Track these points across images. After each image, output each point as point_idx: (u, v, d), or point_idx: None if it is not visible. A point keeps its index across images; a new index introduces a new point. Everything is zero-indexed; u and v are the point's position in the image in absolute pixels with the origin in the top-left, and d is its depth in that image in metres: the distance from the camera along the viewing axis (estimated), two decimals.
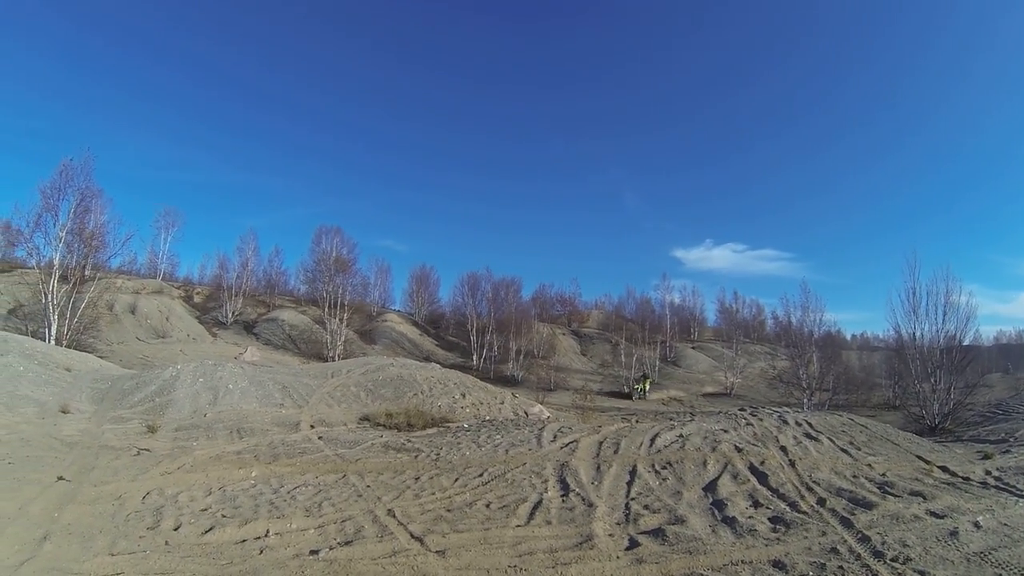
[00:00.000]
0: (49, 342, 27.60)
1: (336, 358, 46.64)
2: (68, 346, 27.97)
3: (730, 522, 8.30)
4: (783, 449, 12.22)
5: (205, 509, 8.52)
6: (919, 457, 12.87)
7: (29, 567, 6.23)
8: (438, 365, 26.16)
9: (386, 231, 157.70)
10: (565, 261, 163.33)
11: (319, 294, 58.45)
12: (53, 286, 30.22)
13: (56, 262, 31.02)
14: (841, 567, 6.62)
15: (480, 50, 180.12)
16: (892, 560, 6.80)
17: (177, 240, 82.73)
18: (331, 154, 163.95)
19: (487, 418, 18.20)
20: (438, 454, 12.23)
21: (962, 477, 11.23)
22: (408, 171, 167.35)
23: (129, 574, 6.21)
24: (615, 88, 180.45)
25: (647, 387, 49.89)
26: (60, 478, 9.44)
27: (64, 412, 14.49)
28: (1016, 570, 6.55)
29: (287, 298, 68.50)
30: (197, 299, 62.65)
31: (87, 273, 33.43)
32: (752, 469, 10.86)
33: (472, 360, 59.56)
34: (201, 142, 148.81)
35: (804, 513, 8.68)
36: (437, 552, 7.07)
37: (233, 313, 57.91)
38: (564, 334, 72.31)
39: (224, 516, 8.22)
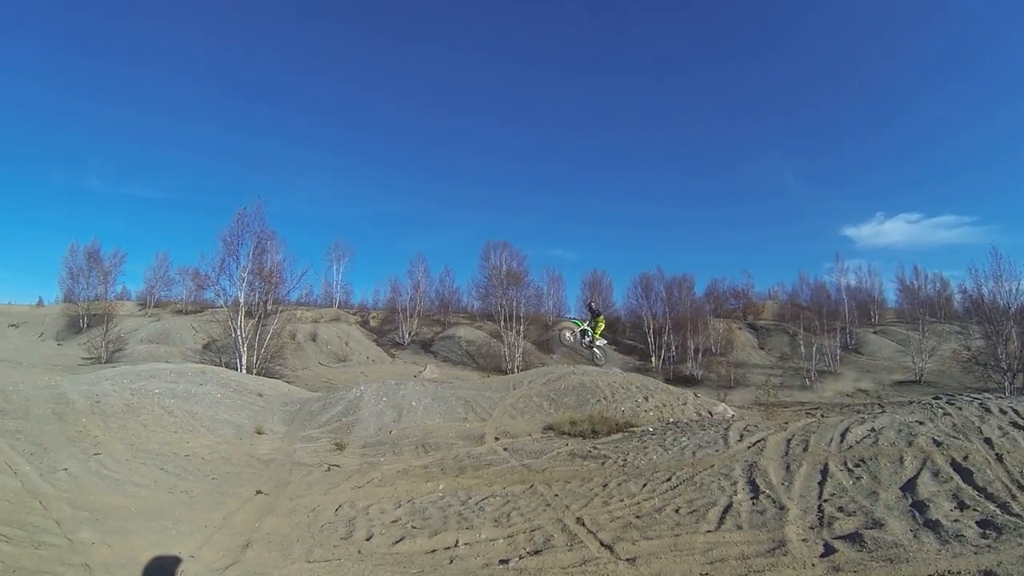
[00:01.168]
0: (241, 371, 30.67)
1: (515, 370, 47.66)
2: (258, 374, 30.99)
3: (933, 526, 7.59)
4: (988, 442, 10.99)
5: (395, 520, 8.97)
6: None
7: (234, 571, 6.91)
8: (618, 370, 26.06)
9: (554, 240, 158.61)
10: (734, 253, 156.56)
11: (493, 308, 60.11)
12: (240, 321, 34.45)
13: (241, 300, 35.54)
14: None
15: (624, 47, 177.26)
16: None
17: (349, 270, 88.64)
18: (493, 172, 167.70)
19: (671, 420, 17.90)
20: (625, 459, 12.15)
21: None
22: (567, 177, 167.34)
23: None
24: (757, 69, 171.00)
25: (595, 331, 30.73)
26: (259, 492, 10.38)
27: (259, 433, 15.89)
28: None
29: (461, 315, 70.96)
30: (373, 323, 66.67)
31: (269, 307, 37.70)
32: (954, 465, 9.87)
33: (651, 362, 59.50)
34: (364, 178, 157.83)
35: (1017, 516, 7.76)
36: (627, 560, 7.01)
37: (409, 334, 60.88)
38: (740, 328, 69.91)
39: (414, 527, 8.61)
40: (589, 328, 20.13)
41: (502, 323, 56.21)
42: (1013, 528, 7.37)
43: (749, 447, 12.01)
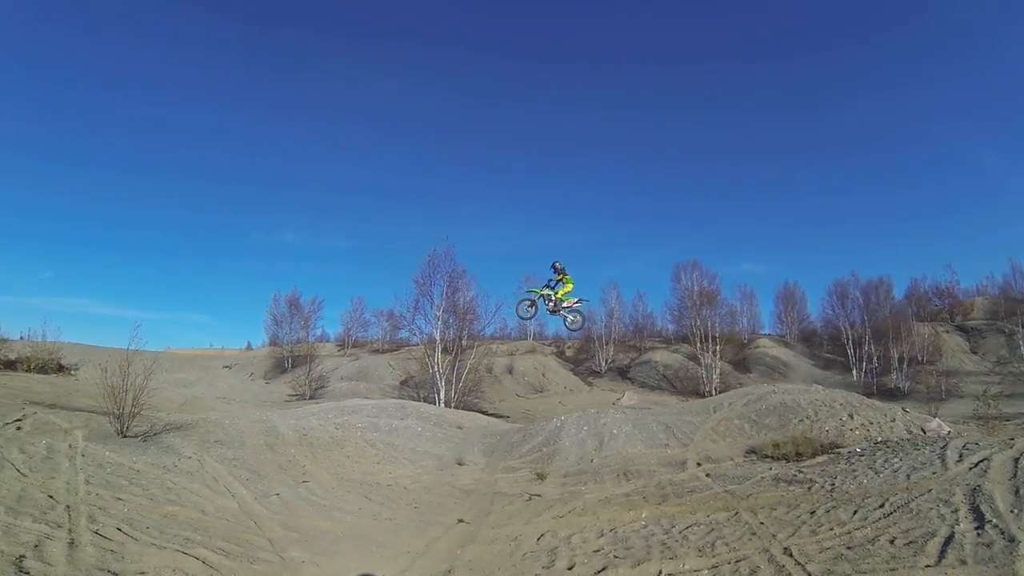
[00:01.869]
0: (439, 405, 31.94)
1: (713, 392, 46.45)
2: (456, 407, 32.14)
3: None
4: None
5: (597, 550, 8.83)
6: None
7: None
8: (819, 386, 24.53)
9: (741, 255, 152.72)
10: (933, 246, 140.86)
11: (687, 330, 58.98)
12: (437, 357, 36.71)
13: (437, 337, 37.66)
14: None
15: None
16: None
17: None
18: (678, 185, 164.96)
19: (879, 439, 16.54)
20: (832, 484, 11.32)
21: None
22: (746, 181, 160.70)
23: None
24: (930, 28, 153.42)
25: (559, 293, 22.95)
26: (460, 520, 10.66)
27: (459, 464, 16.36)
28: None
29: (656, 339, 70.13)
30: (568, 353, 67.25)
31: (464, 343, 39.27)
32: None
33: (851, 375, 55.20)
34: (546, 210, 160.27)
35: None
36: None
37: (606, 361, 60.88)
38: (947, 331, 63.03)
39: (616, 556, 8.43)
40: (551, 292, 16.89)
41: (698, 345, 54.76)
42: None
43: (970, 468, 10.82)
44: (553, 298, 17.01)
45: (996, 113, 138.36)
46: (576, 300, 17.48)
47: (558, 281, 16.79)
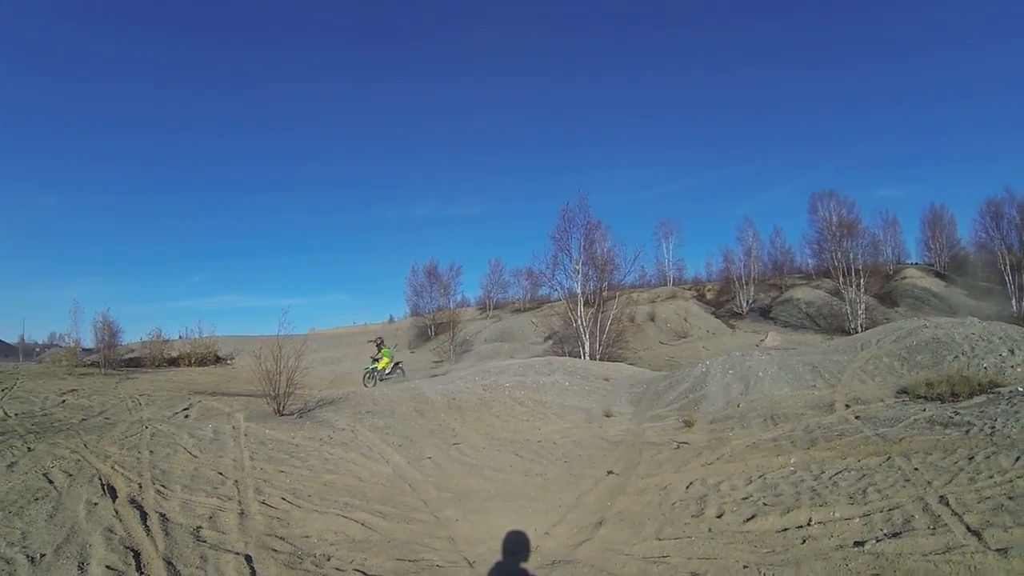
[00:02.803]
0: (584, 358, 32.28)
1: (859, 329, 44.54)
2: (601, 359, 32.44)
3: None
4: None
5: (746, 497, 8.85)
6: None
7: (587, 547, 7.41)
8: (975, 318, 22.88)
9: (880, 177, 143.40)
10: None
11: (829, 264, 56.79)
12: (580, 311, 37.03)
13: (578, 291, 38.15)
14: None
15: None
16: None
17: (678, 246, 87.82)
18: (803, 107, 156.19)
19: None
20: (992, 427, 10.70)
21: None
22: (872, 83, 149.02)
23: (675, 557, 6.82)
24: None
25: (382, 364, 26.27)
26: (610, 472, 10.95)
27: (607, 416, 16.61)
28: None
29: (797, 276, 67.82)
30: (709, 296, 66.17)
31: (605, 294, 39.11)
32: None
33: (1011, 305, 50.62)
34: (675, 152, 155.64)
35: None
36: (997, 551, 6.13)
37: (747, 302, 59.53)
38: None
39: (765, 504, 8.43)
40: (375, 365, 24.41)
41: (840, 279, 52.58)
42: None
43: None
44: (378, 369, 24.75)
45: None
46: (393, 365, 26.38)
47: (380, 353, 24.91)
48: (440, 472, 11.27)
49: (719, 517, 8.12)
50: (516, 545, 7.63)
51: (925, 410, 13.05)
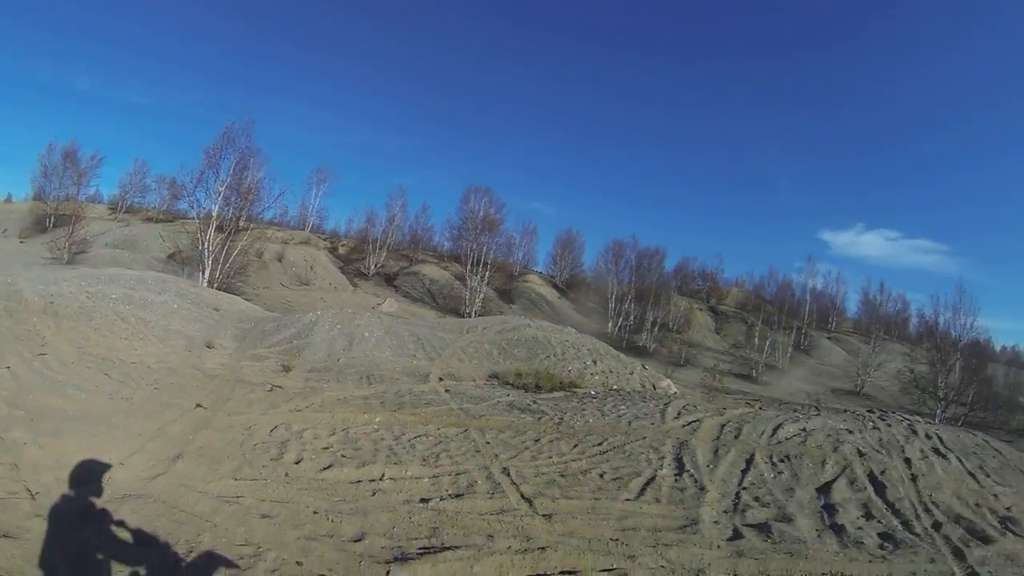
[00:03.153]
0: (202, 284, 30.14)
1: (473, 314, 47.88)
2: (219, 288, 30.45)
3: (838, 529, 7.78)
4: (907, 461, 11.25)
5: (327, 447, 8.94)
6: None
7: (161, 481, 6.88)
8: (573, 329, 26.00)
9: (535, 194, 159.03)
10: (711, 236, 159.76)
11: (463, 251, 59.85)
12: (210, 235, 34.16)
13: (215, 213, 34.97)
14: None
15: (634, 18, 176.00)
16: None
17: (328, 195, 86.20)
18: (483, 118, 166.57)
19: (614, 387, 17.96)
20: (561, 418, 12.19)
21: None
22: (558, 138, 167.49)
23: (249, 498, 6.65)
24: (777, 68, 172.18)
25: None
26: (198, 405, 10.30)
27: (209, 347, 15.69)
28: None
29: (430, 253, 70.61)
30: (342, 251, 65.89)
31: (241, 224, 36.81)
32: (871, 477, 10.11)
33: (607, 327, 58.87)
34: (352, 108, 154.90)
35: (916, 535, 7.99)
36: (544, 515, 7.05)
37: (376, 265, 60.44)
38: (701, 310, 70.67)
39: (344, 456, 8.60)
40: None
41: (468, 267, 55.90)
42: (909, 545, 7.57)
43: (684, 426, 12.12)
44: None
45: (801, 150, 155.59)
46: None
47: None
48: (18, 385, 9.70)
49: (297, 463, 8.09)
50: (87, 475, 6.77)
51: (509, 395, 14.38)
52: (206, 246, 33.77)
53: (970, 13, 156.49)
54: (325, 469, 7.95)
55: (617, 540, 6.62)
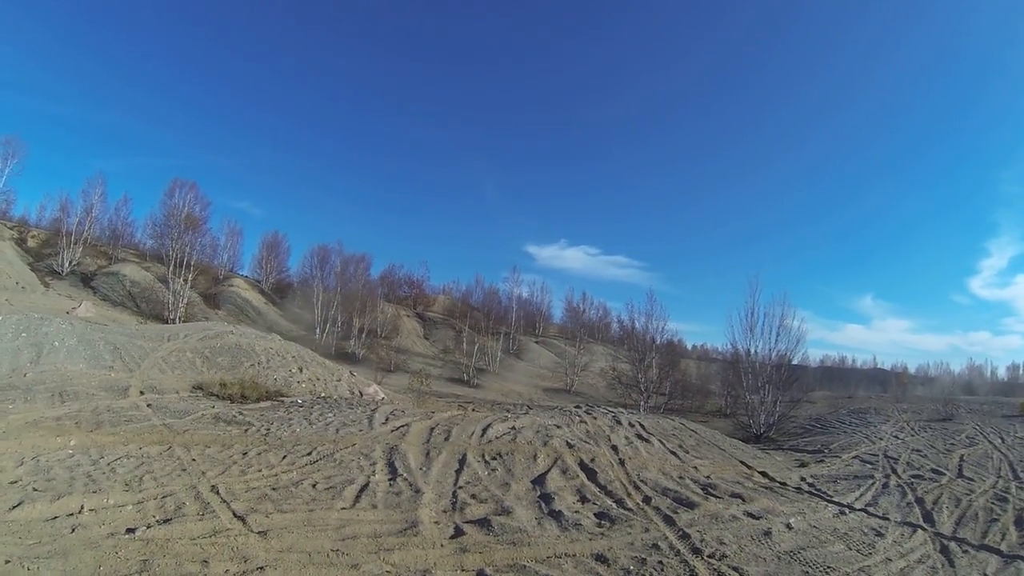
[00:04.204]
0: None
1: (177, 320, 44.16)
2: None
3: (556, 515, 8.65)
4: (614, 448, 12.81)
5: (15, 482, 7.88)
6: (742, 462, 13.91)
7: None
8: (279, 336, 25.25)
9: (243, 192, 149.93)
10: (417, 243, 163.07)
11: (166, 251, 54.14)
12: None
13: None
14: (661, 562, 7.09)
15: (357, 10, 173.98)
16: (709, 556, 7.37)
17: (16, 174, 72.83)
18: (195, 101, 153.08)
19: (322, 395, 17.91)
20: (268, 429, 11.94)
21: (779, 482, 12.30)
22: (273, 130, 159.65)
23: None
24: (489, 79, 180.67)
25: None
26: None
27: None
28: (821, 568, 7.28)
29: (131, 252, 63.11)
30: (32, 243, 56.06)
31: None
32: (582, 466, 11.33)
33: (315, 334, 57.39)
34: (53, 64, 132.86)
35: (630, 510, 9.19)
36: (259, 533, 6.95)
37: (71, 262, 52.64)
38: (409, 316, 71.86)
39: (35, 490, 7.64)
40: None
41: (171, 268, 50.93)
42: (625, 520, 8.60)
43: (393, 431, 12.47)
44: None
45: (509, 163, 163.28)
46: None
47: None
48: None
49: None
50: None
51: (215, 407, 13.71)
52: None
53: (675, 25, 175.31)
54: (14, 508, 6.99)
55: (337, 550, 6.73)
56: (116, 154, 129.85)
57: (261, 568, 6.06)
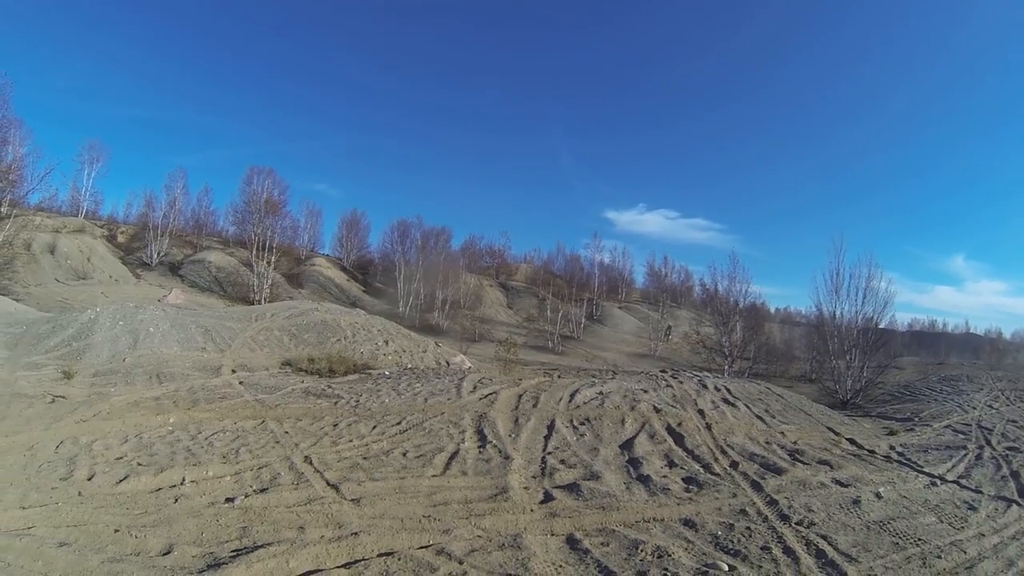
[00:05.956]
0: None
1: (262, 301, 45.67)
2: None
3: (644, 480, 8.55)
4: (700, 412, 12.56)
5: (120, 457, 8.32)
6: (829, 428, 13.43)
7: None
8: (363, 311, 25.79)
9: (320, 174, 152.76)
10: (497, 214, 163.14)
11: (248, 236, 56.40)
12: None
13: None
14: (748, 528, 6.91)
15: None
16: (797, 524, 7.14)
17: (101, 176, 75.84)
18: (267, 91, 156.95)
19: (409, 366, 18.15)
20: (357, 401, 12.19)
21: (868, 450, 11.81)
22: (345, 112, 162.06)
23: (41, 527, 5.99)
24: (560, 47, 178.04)
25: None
26: None
27: None
28: (911, 540, 6.94)
29: (215, 239, 65.93)
30: (121, 239, 59.36)
31: (3, 210, 31.57)
32: (669, 430, 11.16)
33: (398, 307, 58.35)
34: (131, 71, 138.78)
35: (717, 475, 9.01)
36: (352, 500, 7.10)
37: (159, 254, 55.50)
38: (491, 286, 72.13)
39: (140, 464, 8.05)
40: None
41: (255, 252, 52.87)
42: (712, 485, 8.46)
43: (481, 399, 12.55)
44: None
45: (585, 130, 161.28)
46: None
47: None
48: None
49: (90, 479, 7.44)
50: None
51: (304, 382, 14.12)
52: None
53: None
54: (121, 482, 7.39)
55: (429, 516, 6.80)
56: (194, 149, 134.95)
57: (355, 534, 6.17)
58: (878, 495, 8.56)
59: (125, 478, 7.52)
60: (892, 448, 12.28)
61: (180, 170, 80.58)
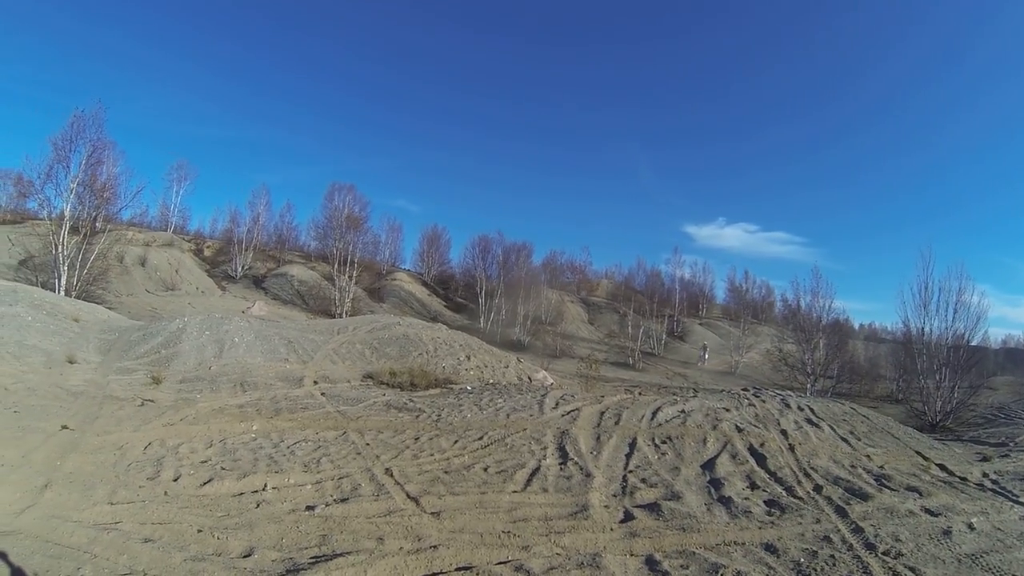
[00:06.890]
0: (58, 293, 27.41)
1: (344, 315, 46.66)
2: (77, 297, 27.80)
3: (726, 502, 8.24)
4: (783, 433, 12.08)
5: (205, 461, 8.56)
6: (918, 453, 12.68)
7: (30, 514, 6.21)
8: (444, 326, 26.00)
9: (400, 191, 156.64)
10: (577, 229, 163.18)
11: (329, 251, 57.88)
12: (64, 237, 29.96)
13: (67, 213, 30.73)
14: (832, 556, 6.54)
15: (500, 8, 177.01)
16: (884, 554, 6.72)
17: (189, 194, 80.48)
18: (347, 111, 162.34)
19: (490, 381, 18.13)
20: (439, 415, 12.20)
21: (959, 477, 11.06)
22: (424, 129, 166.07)
23: (127, 523, 6.21)
24: (636, 60, 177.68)
25: None
26: (64, 427, 9.46)
27: (71, 362, 14.50)
28: None
29: (297, 253, 68.05)
30: (207, 253, 62.28)
31: (98, 225, 33.26)
32: (751, 450, 10.77)
33: (479, 323, 58.52)
34: (216, 95, 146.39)
35: (800, 499, 8.60)
36: (432, 513, 7.06)
37: (243, 267, 57.72)
38: (572, 301, 71.64)
39: (223, 468, 8.25)
40: None
41: (336, 266, 54.10)
42: (795, 509, 8.09)
43: (563, 415, 12.40)
44: None
45: (663, 144, 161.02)
46: None
47: None
48: None
49: (176, 480, 7.67)
50: None
51: (385, 395, 14.25)
52: (60, 250, 30.24)
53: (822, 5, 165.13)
54: (205, 484, 7.59)
55: (509, 532, 6.70)
56: (277, 167, 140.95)
57: (434, 547, 6.11)
58: (970, 526, 7.97)
59: (209, 481, 7.71)
60: (985, 475, 11.44)
61: (263, 187, 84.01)
